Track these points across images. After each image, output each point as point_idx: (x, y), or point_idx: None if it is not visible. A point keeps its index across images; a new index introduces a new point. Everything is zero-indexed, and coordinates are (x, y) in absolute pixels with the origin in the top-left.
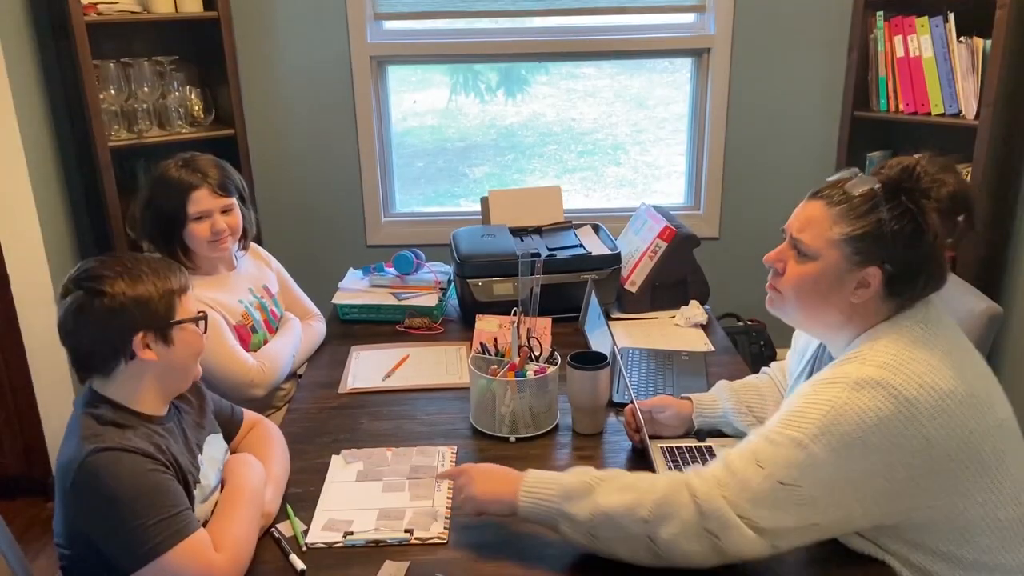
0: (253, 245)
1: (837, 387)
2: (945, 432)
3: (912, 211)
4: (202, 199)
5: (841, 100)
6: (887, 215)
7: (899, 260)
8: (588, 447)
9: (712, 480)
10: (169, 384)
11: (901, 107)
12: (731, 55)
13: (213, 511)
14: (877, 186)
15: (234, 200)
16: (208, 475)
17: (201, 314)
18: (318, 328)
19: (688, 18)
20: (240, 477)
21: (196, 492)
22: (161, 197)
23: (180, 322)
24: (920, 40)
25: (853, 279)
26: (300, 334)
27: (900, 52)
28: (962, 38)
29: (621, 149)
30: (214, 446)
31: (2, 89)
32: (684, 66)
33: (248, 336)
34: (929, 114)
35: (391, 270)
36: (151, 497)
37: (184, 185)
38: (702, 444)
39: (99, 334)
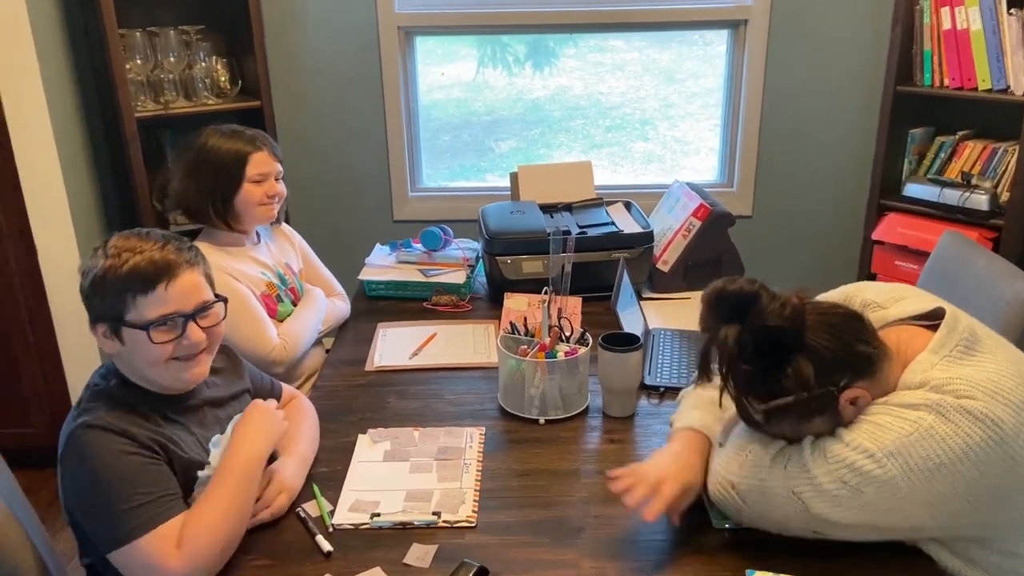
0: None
1: (921, 411)
2: None
3: (789, 357)
4: (263, 161)
5: (883, 74)
6: (792, 387)
7: (843, 377)
8: (619, 430)
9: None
10: (150, 378)
11: (946, 82)
12: (768, 27)
13: None
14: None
15: (282, 169)
16: (216, 456)
17: (157, 319)
18: (340, 307)
19: None
20: (233, 451)
21: (202, 474)
22: (215, 162)
23: (121, 324)
24: (968, 12)
25: (838, 411)
26: (324, 306)
27: (947, 24)
28: (1012, 10)
29: (649, 124)
30: None
31: (29, 59)
32: (714, 39)
33: (275, 306)
34: (976, 89)
35: (418, 246)
36: (125, 482)
37: (244, 149)
38: None
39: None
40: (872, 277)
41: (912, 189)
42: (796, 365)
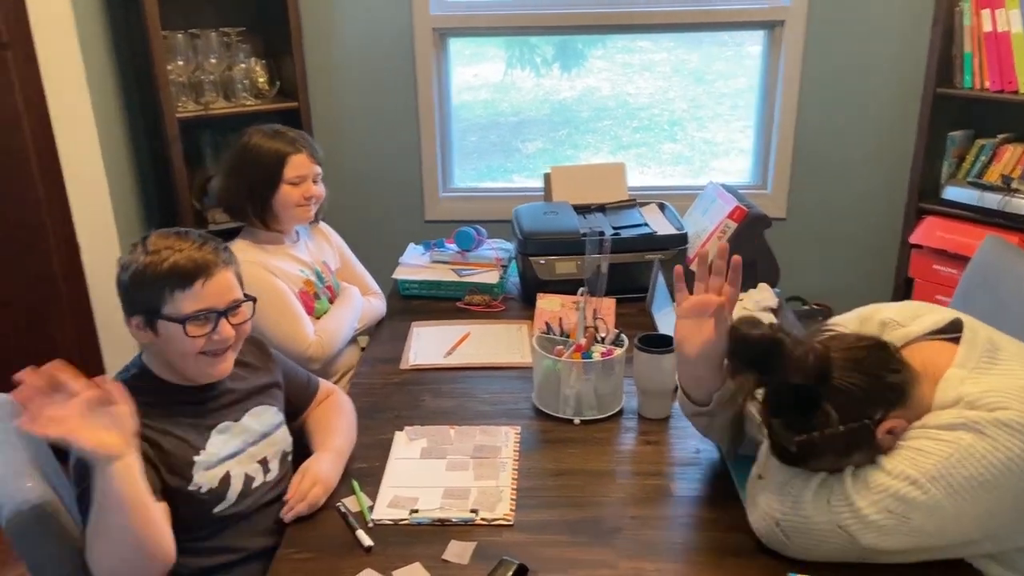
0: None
1: (958, 431)
2: None
3: (819, 402)
4: (301, 164)
5: (923, 76)
6: (834, 420)
7: (877, 411)
8: (654, 432)
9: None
10: (179, 370)
11: (986, 84)
12: (806, 28)
13: (226, 475)
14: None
15: (321, 171)
16: (218, 443)
17: (193, 314)
18: (377, 305)
19: None
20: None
21: (198, 459)
22: (255, 161)
23: (157, 317)
24: (1009, 14)
25: (876, 443)
26: (360, 304)
27: (987, 26)
28: None
29: (678, 125)
30: (262, 418)
31: (75, 60)
32: (745, 40)
33: (312, 303)
34: (1016, 92)
35: (452, 246)
36: (83, 476)
37: (283, 150)
38: None
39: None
40: (909, 282)
41: (951, 192)
42: (827, 408)
